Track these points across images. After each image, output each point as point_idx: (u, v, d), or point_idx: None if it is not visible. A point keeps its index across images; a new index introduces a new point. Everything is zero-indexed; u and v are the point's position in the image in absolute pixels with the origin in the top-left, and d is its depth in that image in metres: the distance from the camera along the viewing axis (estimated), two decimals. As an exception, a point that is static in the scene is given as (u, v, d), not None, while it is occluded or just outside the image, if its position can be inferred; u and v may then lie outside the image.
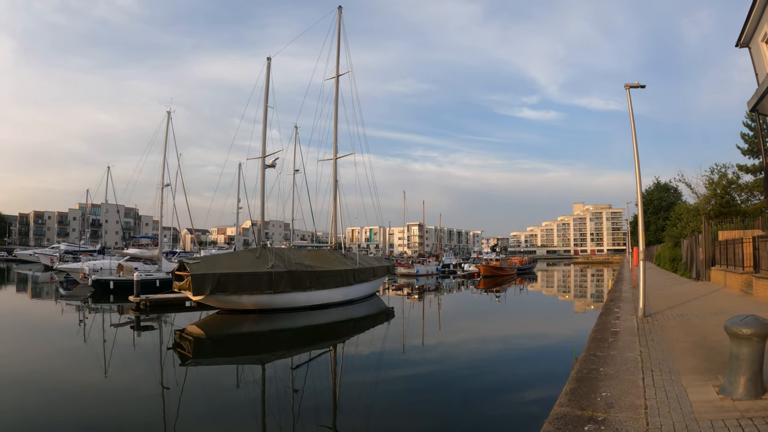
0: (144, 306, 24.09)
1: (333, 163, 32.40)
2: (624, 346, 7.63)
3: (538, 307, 30.09)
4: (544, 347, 15.81)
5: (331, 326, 21.63)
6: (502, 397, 10.03)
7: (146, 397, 10.14)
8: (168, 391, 10.62)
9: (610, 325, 9.75)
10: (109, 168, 49.90)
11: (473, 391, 10.30)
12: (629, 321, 10.31)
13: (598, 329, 9.33)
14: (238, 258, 25.73)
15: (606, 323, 10.04)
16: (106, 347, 15.77)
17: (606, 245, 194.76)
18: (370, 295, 30.96)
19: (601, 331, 9.10)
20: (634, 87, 11.60)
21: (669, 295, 15.88)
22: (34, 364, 12.89)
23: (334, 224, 32.35)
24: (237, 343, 17.61)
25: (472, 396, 9.91)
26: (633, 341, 8.03)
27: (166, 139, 39.24)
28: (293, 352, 15.67)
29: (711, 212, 26.48)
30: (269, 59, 29.45)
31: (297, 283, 24.20)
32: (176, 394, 10.38)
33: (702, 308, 11.82)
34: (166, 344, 16.55)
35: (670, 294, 16.44)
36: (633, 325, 9.79)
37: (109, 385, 11.19)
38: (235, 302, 22.34)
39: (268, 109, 28.88)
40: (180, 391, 10.59)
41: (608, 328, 9.42)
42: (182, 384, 11.28)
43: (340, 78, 31.29)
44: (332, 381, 11.90)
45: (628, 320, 10.43)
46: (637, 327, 9.48)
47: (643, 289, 10.57)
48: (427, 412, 9.00)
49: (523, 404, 9.38)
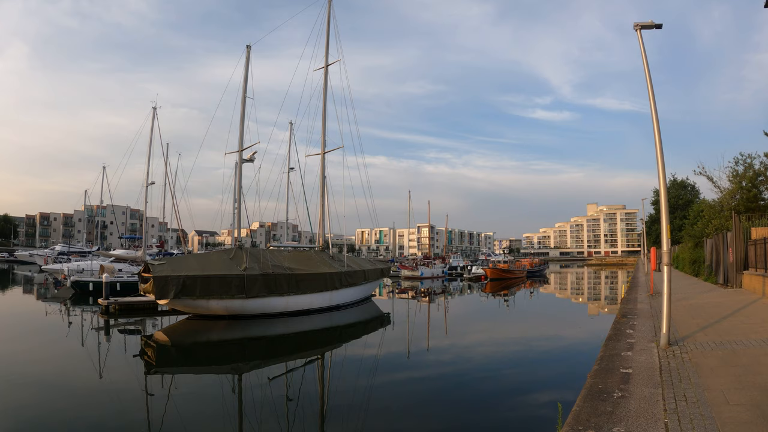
0: (114, 309, 22.38)
1: (321, 158, 29.64)
2: (637, 412, 4.46)
3: (545, 315, 26.61)
4: (549, 361, 13.68)
5: (312, 335, 19.49)
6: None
7: (91, 410, 8.92)
8: (112, 404, 9.34)
9: (618, 362, 6.48)
10: (104, 168, 48.18)
11: (467, 409, 8.96)
12: (647, 353, 7.02)
13: (601, 370, 6.02)
14: (208, 259, 23.24)
15: (613, 358, 6.75)
16: (55, 353, 14.51)
17: (620, 247, 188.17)
18: (363, 300, 28.52)
19: (603, 374, 5.83)
20: (647, 27, 8.34)
21: (696, 307, 12.41)
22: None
23: (321, 223, 29.55)
24: (204, 352, 15.90)
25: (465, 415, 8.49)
26: (653, 400, 4.81)
27: (151, 136, 37.25)
28: (265, 363, 14.03)
29: (738, 207, 22.72)
30: (249, 47, 27.05)
31: (273, 286, 21.82)
32: (122, 406, 9.16)
33: (747, 329, 8.46)
34: (121, 351, 15.21)
35: (697, 305, 12.93)
36: (653, 361, 6.51)
37: (56, 394, 9.81)
38: (203, 307, 20.19)
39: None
40: (128, 403, 9.40)
41: (615, 367, 6.13)
42: (133, 396, 10.00)
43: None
44: (310, 395, 10.33)
45: (646, 351, 7.15)
46: (659, 366, 6.21)
47: (667, 307, 7.28)
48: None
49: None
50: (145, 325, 20.35)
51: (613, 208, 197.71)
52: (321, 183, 29.32)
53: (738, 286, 16.98)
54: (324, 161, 29.33)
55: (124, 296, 24.22)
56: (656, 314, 11.33)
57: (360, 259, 32.22)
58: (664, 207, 7.58)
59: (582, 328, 20.93)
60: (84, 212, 61.15)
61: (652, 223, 55.44)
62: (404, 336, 18.82)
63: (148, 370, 12.71)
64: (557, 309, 29.70)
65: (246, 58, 26.79)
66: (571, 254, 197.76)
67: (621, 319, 10.76)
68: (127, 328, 19.73)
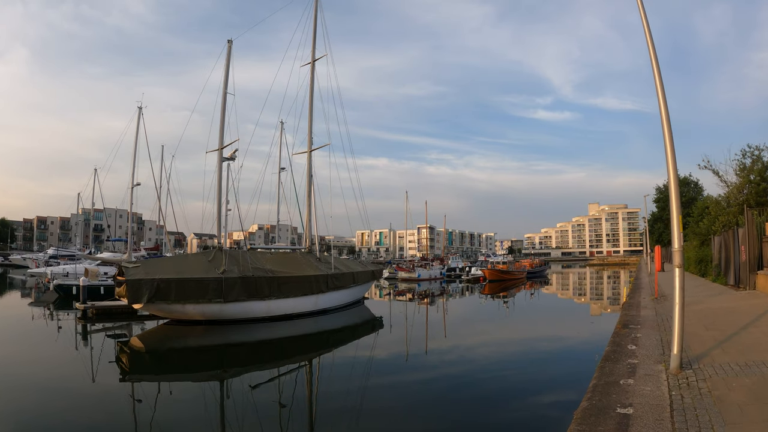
0: (91, 314, 21.58)
1: (307, 156, 28.19)
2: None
3: (544, 318, 24.92)
4: (548, 365, 12.79)
5: (296, 340, 18.43)
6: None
7: (57, 421, 8.30)
8: (79, 414, 8.74)
9: (615, 395, 4.83)
10: (96, 170, 46.79)
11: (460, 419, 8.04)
12: (654, 381, 5.35)
13: (591, 410, 4.34)
14: (185, 262, 22.00)
15: (609, 389, 5.09)
16: (24, 359, 13.89)
17: (622, 246, 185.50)
18: (352, 304, 27.02)
19: (594, 417, 4.18)
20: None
21: (707, 314, 10.69)
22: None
23: (308, 224, 28.04)
24: (181, 359, 15.10)
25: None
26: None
27: (137, 137, 36.06)
28: (246, 370, 13.14)
29: (747, 202, 20.93)
30: (230, 42, 25.82)
31: (253, 290, 20.52)
32: (90, 417, 8.58)
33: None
34: (92, 358, 14.40)
35: (709, 312, 11.18)
36: (661, 393, 4.85)
37: (20, 404, 9.13)
38: (179, 312, 19.05)
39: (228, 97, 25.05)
40: (96, 414, 8.74)
41: (611, 405, 4.46)
42: (102, 407, 9.27)
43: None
44: (296, 403, 9.60)
45: (652, 378, 5.49)
46: (669, 401, 4.56)
47: (679, 321, 5.56)
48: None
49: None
50: (121, 331, 19.51)
51: (614, 208, 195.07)
52: (308, 182, 27.88)
53: (751, 287, 15.26)
54: (311, 159, 27.92)
55: (109, 300, 23.05)
56: (663, 322, 9.68)
57: (349, 261, 30.76)
58: (675, 196, 5.97)
59: (582, 331, 19.30)
60: (81, 215, 59.98)
61: (655, 221, 53.53)
62: (396, 340, 17.78)
63: (121, 377, 12.05)
64: (557, 311, 27.96)
65: (227, 53, 25.60)
66: (573, 254, 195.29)
67: (622, 330, 9.04)
68: (102, 334, 18.83)
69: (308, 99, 27.74)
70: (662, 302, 13.39)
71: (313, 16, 28.33)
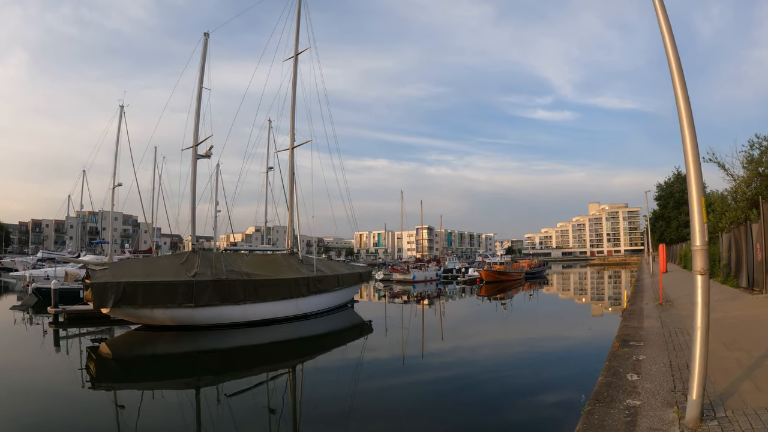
0: (64, 318, 20.79)
1: (290, 153, 26.54)
2: None
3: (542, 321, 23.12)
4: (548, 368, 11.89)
5: (274, 347, 17.48)
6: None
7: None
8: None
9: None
10: (84, 172, 45.14)
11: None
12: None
13: None
14: (156, 264, 20.58)
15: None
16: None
17: (623, 245, 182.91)
18: (338, 308, 25.37)
19: None
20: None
21: (725, 326, 8.67)
22: None
23: (290, 224, 26.35)
24: (149, 366, 14.24)
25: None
26: None
27: (118, 136, 34.55)
28: (219, 379, 12.20)
29: (760, 194, 18.99)
30: (206, 35, 24.48)
31: (227, 294, 19.12)
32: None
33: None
34: (55, 365, 13.73)
35: (727, 323, 9.17)
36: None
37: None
38: (147, 317, 17.94)
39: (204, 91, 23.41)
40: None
41: None
42: (58, 416, 8.63)
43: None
44: (275, 413, 8.86)
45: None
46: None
47: (701, 353, 3.69)
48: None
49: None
50: (89, 336, 18.66)
51: (615, 207, 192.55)
52: (289, 180, 26.25)
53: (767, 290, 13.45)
54: (293, 156, 26.34)
55: (81, 304, 21.72)
56: (672, 337, 7.89)
57: (333, 263, 29.11)
58: (694, 174, 4.15)
59: (576, 342, 17.51)
60: (77, 218, 58.56)
61: (656, 219, 51.55)
62: (383, 344, 16.76)
63: (83, 386, 11.25)
64: (553, 315, 26.10)
65: (203, 46, 24.28)
66: (574, 254, 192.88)
67: (620, 349, 7.14)
68: (70, 340, 18.05)
69: (290, 95, 26.16)
70: (668, 309, 11.56)
71: (296, 8, 26.80)
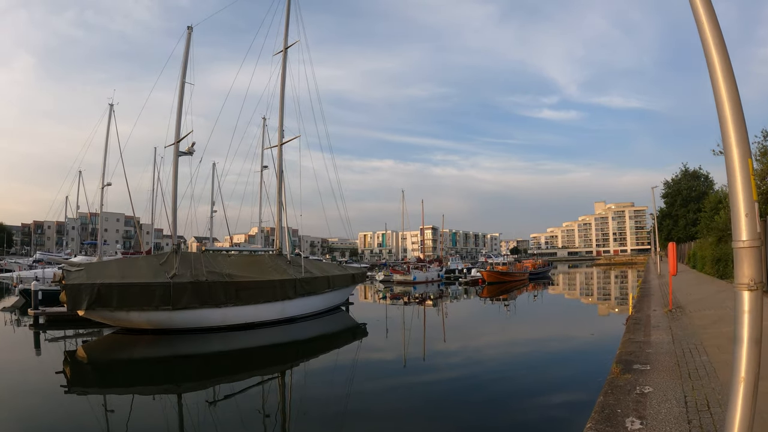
0: (44, 321, 20.45)
1: (278, 149, 25.36)
2: None
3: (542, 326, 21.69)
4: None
5: (257, 352, 16.56)
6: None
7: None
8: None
9: None
10: (80, 173, 44.17)
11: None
12: None
13: None
14: (133, 265, 19.53)
15: None
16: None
17: (629, 245, 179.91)
18: (329, 311, 24.16)
19: None
20: None
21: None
22: None
23: (278, 224, 25.14)
24: (125, 371, 13.60)
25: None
26: None
27: (108, 135, 33.64)
28: (199, 386, 11.80)
29: None
30: (190, 29, 23.37)
31: (207, 297, 18.18)
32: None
33: None
34: (27, 369, 13.36)
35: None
36: None
37: None
38: (123, 320, 17.24)
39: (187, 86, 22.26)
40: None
41: None
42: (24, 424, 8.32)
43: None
44: (258, 420, 8.49)
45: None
46: None
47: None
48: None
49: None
50: (67, 339, 18.25)
51: (621, 206, 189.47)
52: (278, 177, 25.06)
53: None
54: (281, 153, 25.18)
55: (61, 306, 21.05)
56: (686, 357, 6.42)
57: (323, 264, 27.86)
58: (736, 155, 2.48)
59: (585, 335, 16.17)
60: (78, 219, 57.95)
61: (663, 218, 49.72)
62: (378, 348, 16.20)
63: (56, 392, 10.71)
64: (555, 318, 24.64)
65: (187, 40, 23.35)
66: (580, 254, 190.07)
67: (620, 376, 5.61)
68: (47, 342, 17.56)
69: (278, 91, 24.97)
70: (679, 318, 10.06)
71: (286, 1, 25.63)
